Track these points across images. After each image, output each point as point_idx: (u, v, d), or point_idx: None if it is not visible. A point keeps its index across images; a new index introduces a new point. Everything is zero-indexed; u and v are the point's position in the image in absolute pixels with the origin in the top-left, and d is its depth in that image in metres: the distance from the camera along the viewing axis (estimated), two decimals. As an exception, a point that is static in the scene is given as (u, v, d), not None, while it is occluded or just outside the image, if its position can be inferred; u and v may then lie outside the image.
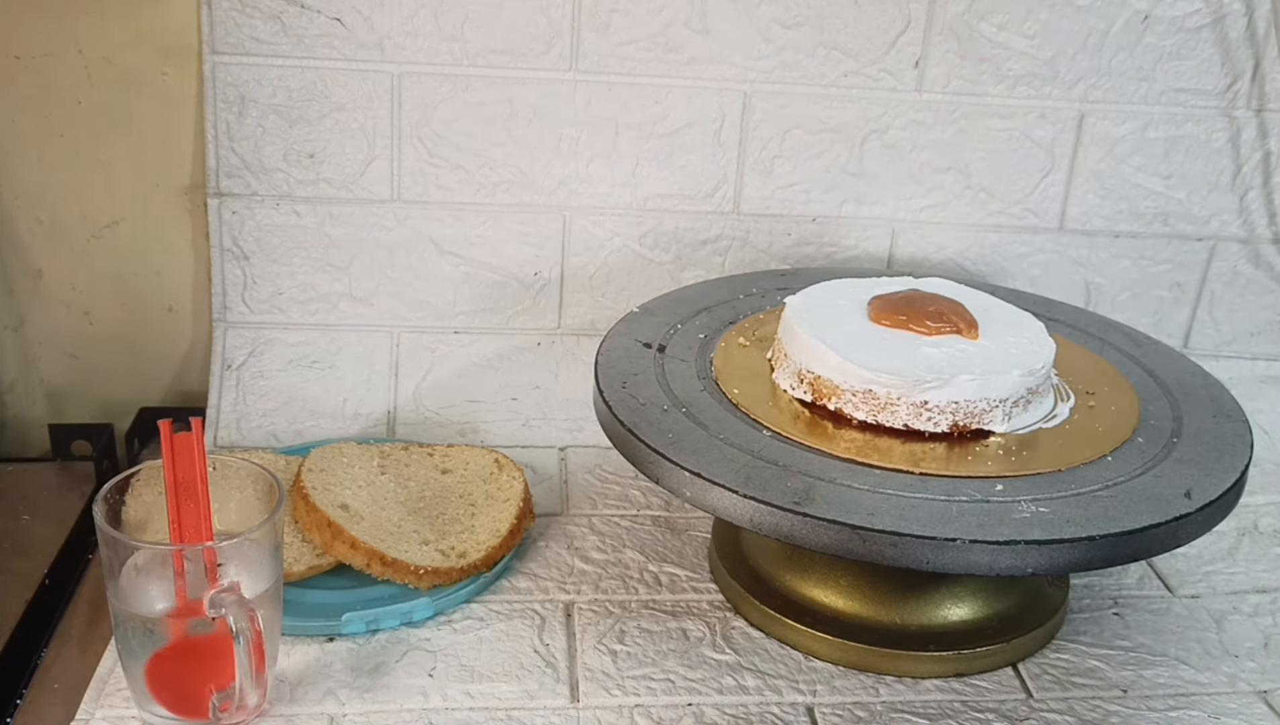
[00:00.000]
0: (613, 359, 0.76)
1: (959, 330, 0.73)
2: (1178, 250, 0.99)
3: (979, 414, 0.69)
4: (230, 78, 0.87)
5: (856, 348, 0.71)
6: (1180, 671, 0.72)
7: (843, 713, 0.67)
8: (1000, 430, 0.70)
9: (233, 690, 0.60)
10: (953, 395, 0.69)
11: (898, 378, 0.69)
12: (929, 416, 0.69)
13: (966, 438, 0.70)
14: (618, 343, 0.79)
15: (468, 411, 0.93)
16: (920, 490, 0.64)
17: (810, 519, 0.61)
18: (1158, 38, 0.93)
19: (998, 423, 0.70)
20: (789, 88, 0.91)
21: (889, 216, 0.96)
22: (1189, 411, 0.74)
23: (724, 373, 0.76)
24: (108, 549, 0.61)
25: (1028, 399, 0.71)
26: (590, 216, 0.93)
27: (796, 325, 0.73)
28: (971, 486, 0.64)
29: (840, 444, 0.68)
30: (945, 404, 0.69)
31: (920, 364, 0.70)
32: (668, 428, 0.68)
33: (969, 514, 0.62)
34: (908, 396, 0.69)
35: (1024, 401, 0.71)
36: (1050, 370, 0.73)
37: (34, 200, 0.91)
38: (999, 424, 0.70)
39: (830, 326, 0.73)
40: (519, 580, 0.77)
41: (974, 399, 0.69)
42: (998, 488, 0.64)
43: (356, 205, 0.91)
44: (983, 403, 0.69)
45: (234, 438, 0.90)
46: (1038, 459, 0.68)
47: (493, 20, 0.87)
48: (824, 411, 0.71)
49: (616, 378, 0.74)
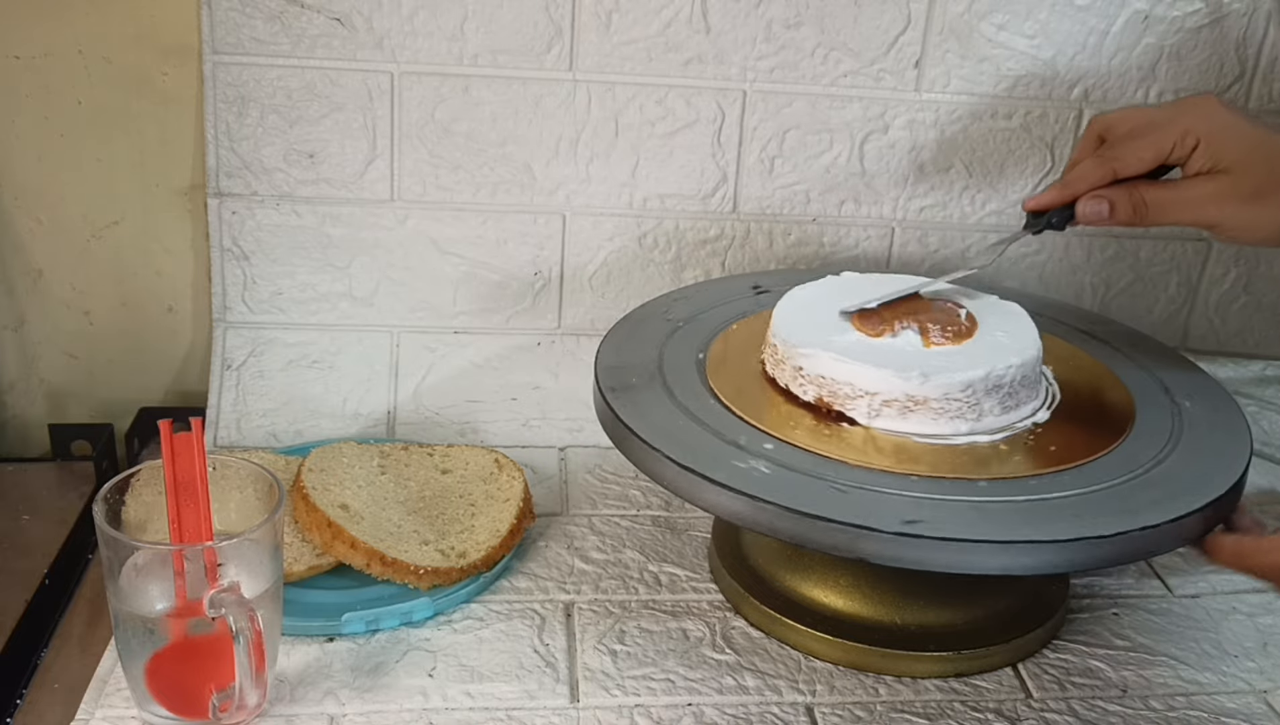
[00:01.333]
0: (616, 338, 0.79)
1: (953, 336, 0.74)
2: (1176, 251, 0.99)
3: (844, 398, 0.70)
4: (230, 78, 0.87)
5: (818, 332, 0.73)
6: (1180, 671, 0.72)
7: (843, 713, 0.67)
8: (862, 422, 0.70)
9: (233, 690, 0.59)
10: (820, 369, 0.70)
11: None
12: (801, 383, 0.71)
13: (834, 417, 0.70)
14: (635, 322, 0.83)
15: (468, 411, 0.93)
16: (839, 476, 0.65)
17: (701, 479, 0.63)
18: (1158, 38, 0.93)
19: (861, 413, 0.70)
20: (789, 87, 0.91)
21: (889, 216, 0.96)
22: (1189, 415, 0.74)
23: (716, 352, 0.78)
24: (108, 549, 0.61)
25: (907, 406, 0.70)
26: (590, 217, 0.93)
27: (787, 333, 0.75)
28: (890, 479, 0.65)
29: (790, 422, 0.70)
30: (813, 376, 0.70)
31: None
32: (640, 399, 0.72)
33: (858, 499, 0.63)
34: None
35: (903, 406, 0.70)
36: (1029, 369, 0.72)
37: (34, 200, 0.91)
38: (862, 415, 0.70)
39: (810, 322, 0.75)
40: (519, 580, 0.77)
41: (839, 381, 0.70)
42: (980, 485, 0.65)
43: (356, 205, 0.91)
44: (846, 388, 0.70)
45: (234, 438, 0.90)
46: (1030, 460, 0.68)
47: (493, 20, 0.87)
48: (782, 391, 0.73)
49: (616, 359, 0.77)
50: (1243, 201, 0.72)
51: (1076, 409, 0.74)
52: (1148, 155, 0.73)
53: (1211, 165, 0.72)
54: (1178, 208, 0.73)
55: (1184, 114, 0.73)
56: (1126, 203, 0.73)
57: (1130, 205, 0.73)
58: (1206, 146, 0.71)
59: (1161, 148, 0.73)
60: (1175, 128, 0.72)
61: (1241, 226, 0.73)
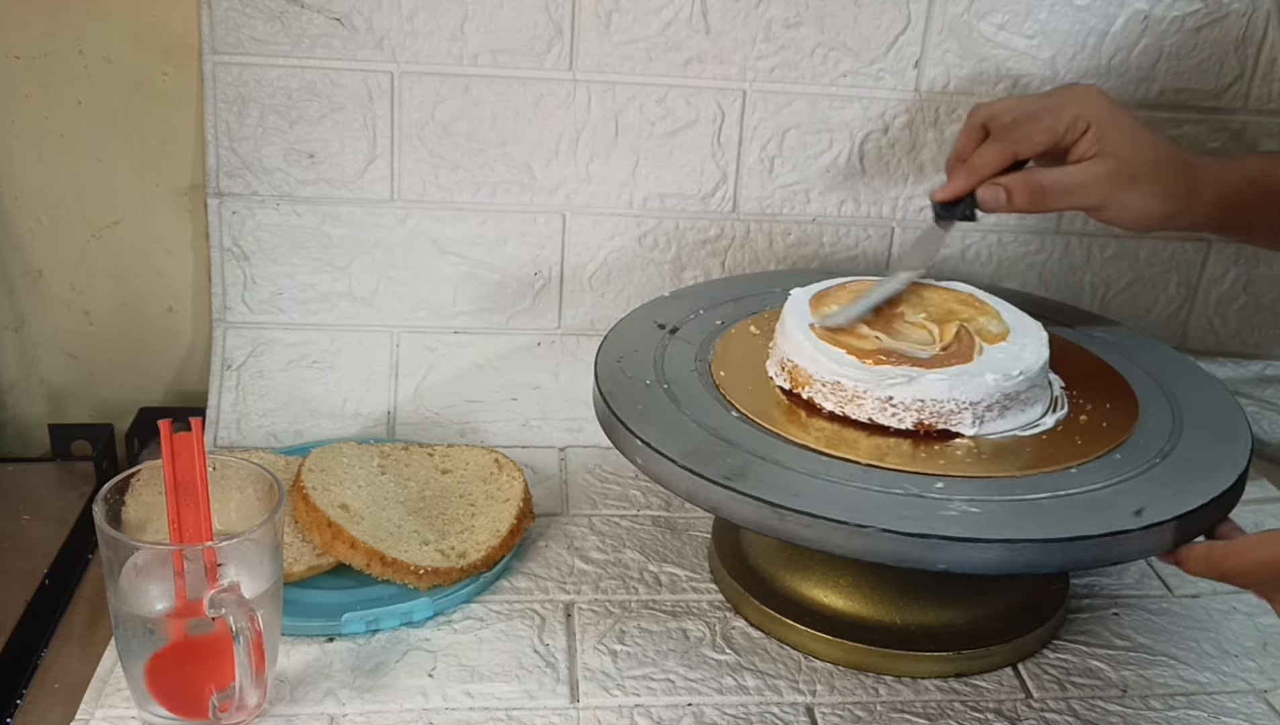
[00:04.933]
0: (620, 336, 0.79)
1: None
2: (1175, 251, 0.99)
3: (946, 415, 0.69)
4: (230, 78, 0.87)
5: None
6: (1180, 671, 0.72)
7: (843, 713, 0.67)
8: (969, 433, 0.70)
9: (233, 690, 0.60)
10: (919, 393, 0.69)
11: (864, 373, 0.69)
12: (893, 412, 0.69)
13: (934, 437, 0.69)
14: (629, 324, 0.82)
15: (468, 411, 0.93)
16: (859, 480, 0.64)
17: (736, 494, 0.62)
18: (1157, 38, 0.93)
19: (966, 425, 0.69)
20: (789, 87, 0.91)
21: (889, 216, 0.96)
22: (1189, 419, 0.74)
23: (720, 356, 0.77)
24: (108, 549, 0.61)
25: (1004, 404, 0.70)
26: (590, 216, 0.93)
27: (786, 314, 0.75)
28: (912, 481, 0.65)
29: (810, 433, 0.69)
30: (910, 401, 0.69)
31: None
32: (641, 400, 0.71)
33: (894, 506, 0.62)
34: (873, 391, 0.69)
35: (1000, 406, 0.70)
36: (1034, 378, 0.72)
37: (34, 200, 0.91)
38: (967, 427, 0.69)
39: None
40: (519, 580, 0.77)
41: (941, 399, 0.69)
42: (937, 485, 0.64)
43: (356, 205, 0.91)
44: (950, 404, 0.69)
45: (234, 438, 0.90)
46: (999, 463, 0.68)
47: (493, 20, 0.87)
48: (799, 400, 0.72)
49: (614, 354, 0.77)
50: (1123, 185, 0.75)
51: (1076, 409, 0.74)
52: (1044, 138, 0.76)
53: (1097, 150, 0.75)
54: (1072, 192, 0.76)
55: (1072, 100, 0.76)
56: (1023, 189, 0.75)
57: (1027, 191, 0.75)
58: (1095, 131, 0.75)
59: (1056, 131, 0.75)
60: (1067, 112, 0.75)
61: (1120, 207, 0.76)
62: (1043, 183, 0.75)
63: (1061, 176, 0.76)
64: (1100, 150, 0.75)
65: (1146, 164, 0.75)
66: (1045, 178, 0.76)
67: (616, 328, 0.81)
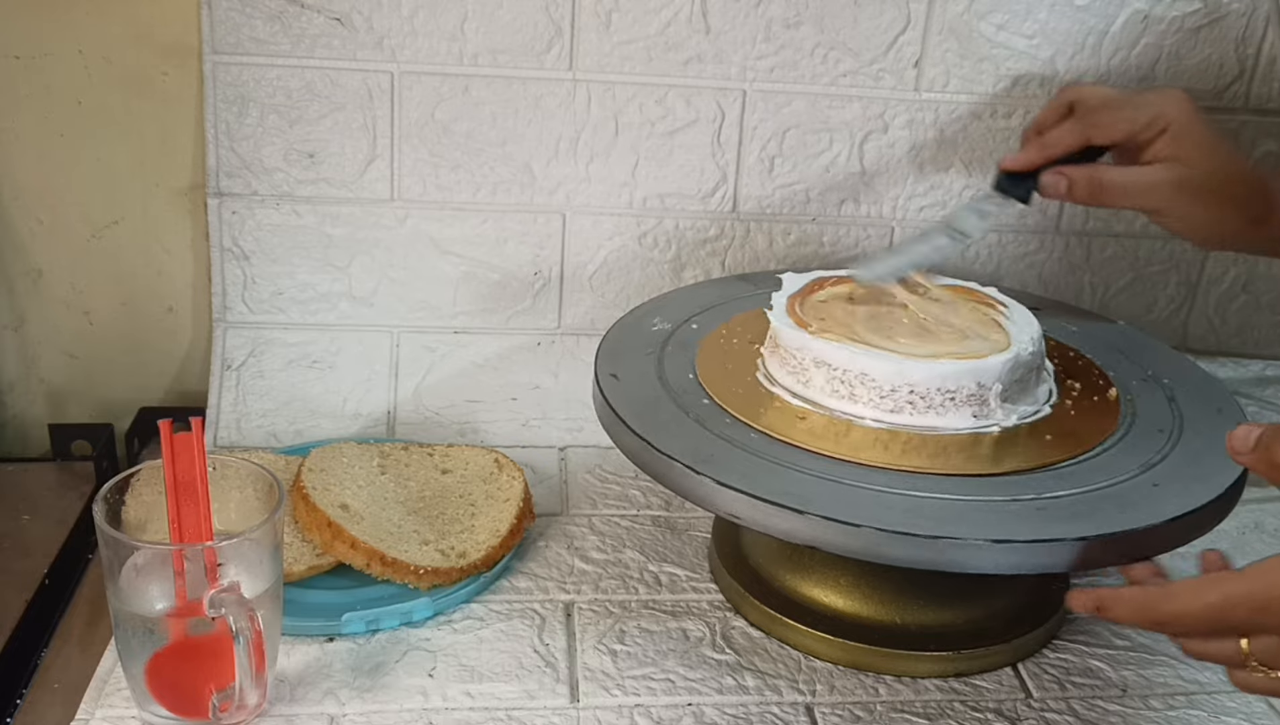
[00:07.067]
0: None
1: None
2: (1175, 251, 0.99)
3: (943, 405, 0.69)
4: (230, 78, 0.87)
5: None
6: (1180, 671, 0.72)
7: (843, 713, 0.67)
8: (968, 428, 0.69)
9: (233, 690, 0.60)
10: (911, 381, 0.69)
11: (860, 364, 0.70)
12: (891, 406, 0.70)
13: (934, 436, 0.69)
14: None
15: (468, 411, 0.93)
16: (837, 474, 0.65)
17: (736, 494, 0.63)
18: (1157, 38, 0.93)
19: (965, 419, 0.69)
20: (789, 87, 0.91)
21: (889, 216, 0.96)
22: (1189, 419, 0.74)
23: (720, 356, 0.78)
24: (108, 549, 0.61)
25: (1006, 394, 0.70)
26: (590, 216, 0.93)
27: (773, 318, 0.76)
28: (911, 480, 0.65)
29: (810, 432, 0.69)
30: (905, 393, 0.69)
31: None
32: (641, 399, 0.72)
33: (894, 505, 0.62)
34: (868, 385, 0.69)
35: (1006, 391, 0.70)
36: (1031, 369, 0.72)
37: (34, 200, 0.91)
38: (966, 421, 0.69)
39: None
40: (519, 580, 0.77)
41: (943, 389, 0.69)
42: (936, 484, 0.65)
43: (356, 205, 0.91)
44: (945, 393, 0.69)
45: (234, 438, 0.90)
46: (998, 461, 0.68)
47: (493, 20, 0.87)
48: (796, 397, 0.72)
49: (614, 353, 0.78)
50: (1189, 195, 0.74)
51: (1076, 408, 0.74)
52: (1122, 128, 0.75)
53: (1171, 154, 0.74)
54: (1134, 194, 0.75)
55: (1159, 100, 0.75)
56: (1085, 182, 0.75)
57: (1089, 185, 0.75)
58: (1171, 134, 0.74)
59: (1135, 124, 0.74)
60: (1150, 109, 0.74)
61: (1179, 218, 0.75)
62: (1104, 179, 0.74)
63: (1125, 176, 0.75)
64: (1172, 155, 0.74)
65: (1217, 178, 0.74)
66: (1108, 175, 0.75)
67: (616, 327, 0.81)
